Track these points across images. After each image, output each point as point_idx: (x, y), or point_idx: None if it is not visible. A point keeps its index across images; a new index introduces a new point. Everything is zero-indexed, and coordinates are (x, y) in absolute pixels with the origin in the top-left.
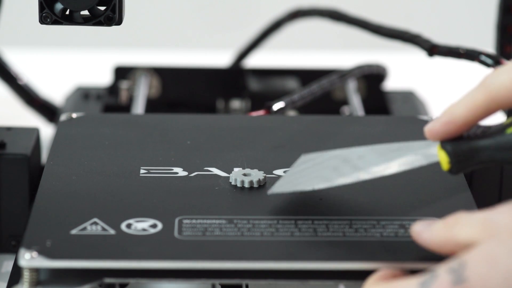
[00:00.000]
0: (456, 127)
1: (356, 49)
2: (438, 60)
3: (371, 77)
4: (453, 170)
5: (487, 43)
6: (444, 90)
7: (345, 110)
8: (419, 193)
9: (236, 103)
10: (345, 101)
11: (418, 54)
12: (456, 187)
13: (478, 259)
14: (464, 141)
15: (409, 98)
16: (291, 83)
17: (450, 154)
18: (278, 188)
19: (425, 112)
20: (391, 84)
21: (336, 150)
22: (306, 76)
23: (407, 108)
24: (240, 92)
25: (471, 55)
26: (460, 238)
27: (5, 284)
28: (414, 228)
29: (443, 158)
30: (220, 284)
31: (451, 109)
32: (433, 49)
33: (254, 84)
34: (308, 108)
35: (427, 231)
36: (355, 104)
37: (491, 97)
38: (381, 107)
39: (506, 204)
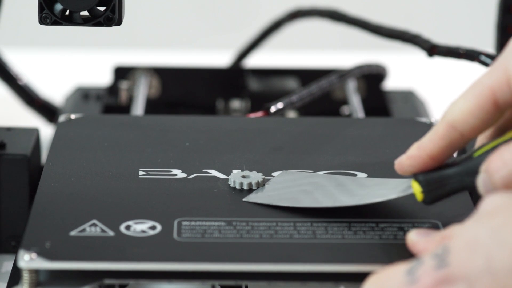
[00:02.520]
0: (423, 161)
1: (356, 49)
2: (438, 60)
3: (371, 77)
4: (427, 199)
5: (487, 43)
6: (444, 91)
7: (345, 110)
8: None
9: (236, 103)
10: (345, 101)
11: (418, 54)
12: None
13: (460, 243)
14: (435, 171)
15: (409, 97)
16: (291, 83)
17: (422, 183)
18: (253, 198)
19: (425, 111)
20: (391, 84)
21: (318, 174)
22: (306, 76)
23: (407, 108)
24: (240, 92)
25: (471, 55)
26: None
27: (5, 285)
28: (409, 237)
29: (416, 189)
30: (219, 285)
31: (417, 143)
32: (433, 49)
33: (254, 84)
34: (308, 108)
35: (422, 243)
36: (355, 104)
37: (449, 125)
38: (381, 107)
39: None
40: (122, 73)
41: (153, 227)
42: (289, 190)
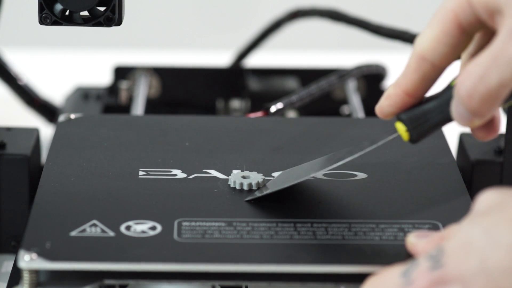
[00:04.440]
0: (400, 98)
1: (356, 49)
2: None
3: (371, 77)
4: (413, 136)
5: None
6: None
7: (345, 109)
8: (417, 197)
9: (236, 103)
10: (345, 101)
11: None
12: (455, 190)
13: (454, 244)
14: (416, 107)
15: None
16: (291, 83)
17: (405, 121)
18: (253, 196)
19: None
20: (391, 84)
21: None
22: (306, 76)
23: None
24: (240, 92)
25: None
26: None
27: (5, 285)
28: (409, 239)
29: (401, 129)
30: (219, 286)
31: (394, 81)
32: None
33: (254, 84)
34: (307, 107)
35: (421, 244)
36: (355, 104)
37: (419, 56)
38: None
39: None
40: (122, 73)
41: (153, 228)
42: (285, 176)
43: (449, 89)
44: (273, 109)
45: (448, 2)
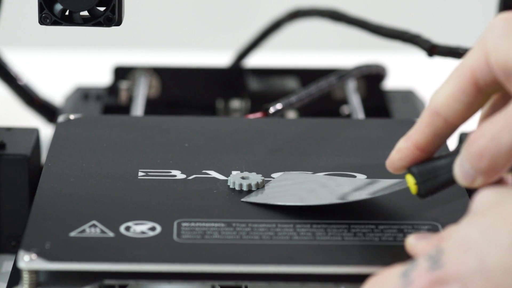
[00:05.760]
0: (411, 153)
1: (356, 49)
2: (438, 60)
3: (371, 77)
4: (421, 191)
5: None
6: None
7: (345, 109)
8: (417, 198)
9: (236, 103)
10: (344, 101)
11: (418, 54)
12: (454, 191)
13: (453, 244)
14: (428, 162)
15: (409, 97)
16: (291, 83)
17: (415, 174)
18: (252, 198)
19: None
20: (391, 84)
21: (318, 174)
22: (306, 76)
23: (407, 107)
24: (240, 92)
25: None
26: None
27: (5, 285)
28: (408, 241)
29: (410, 182)
30: (219, 286)
31: (404, 136)
32: (432, 49)
33: (254, 84)
34: (307, 107)
35: (420, 245)
36: (355, 104)
37: (433, 111)
38: (381, 107)
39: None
40: (122, 73)
41: (152, 228)
42: (292, 188)
43: (460, 146)
44: (272, 110)
45: (467, 59)
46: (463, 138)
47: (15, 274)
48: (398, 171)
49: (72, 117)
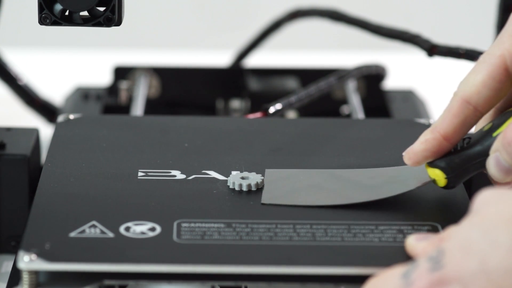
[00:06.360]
0: (438, 143)
1: (356, 49)
2: (438, 60)
3: (371, 77)
4: (451, 184)
5: (487, 43)
6: (444, 90)
7: (345, 109)
8: (417, 198)
9: (235, 103)
10: (344, 101)
11: (418, 54)
12: (454, 192)
13: (454, 245)
14: (454, 155)
15: (409, 97)
16: (291, 83)
17: (446, 169)
18: (273, 199)
19: (424, 111)
20: (391, 84)
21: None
22: (306, 76)
23: (407, 107)
24: (240, 92)
25: (471, 55)
26: None
27: (5, 285)
28: (408, 241)
29: (438, 176)
30: (219, 286)
31: (430, 128)
32: (432, 49)
33: (253, 84)
34: (307, 107)
35: (421, 245)
36: (355, 104)
37: (463, 100)
38: (381, 106)
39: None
40: (122, 73)
41: (152, 229)
42: (302, 189)
43: (490, 137)
44: (272, 110)
45: (494, 48)
46: None
47: (15, 275)
48: (420, 163)
49: (72, 117)
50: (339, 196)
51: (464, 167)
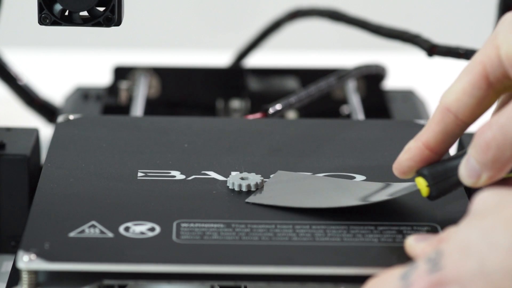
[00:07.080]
0: (421, 152)
1: (356, 49)
2: (438, 60)
3: (371, 77)
4: (433, 193)
5: None
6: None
7: (345, 109)
8: (416, 199)
9: (235, 103)
10: (344, 101)
11: (418, 54)
12: (454, 193)
13: (453, 247)
14: (438, 164)
15: (408, 97)
16: (291, 83)
17: (427, 177)
18: (256, 199)
19: (424, 111)
20: (391, 84)
21: (318, 176)
22: (306, 76)
23: (406, 107)
24: (240, 92)
25: (471, 55)
26: None
27: (4, 285)
28: (407, 242)
29: (421, 184)
30: (218, 286)
31: (415, 136)
32: (432, 49)
33: (254, 84)
34: (307, 107)
35: (420, 246)
36: (355, 104)
37: (443, 108)
38: (381, 106)
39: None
40: (122, 73)
41: (152, 229)
42: (291, 191)
43: None
44: (271, 110)
45: (478, 55)
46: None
47: (15, 274)
48: (405, 174)
49: (71, 117)
50: (326, 200)
51: (447, 175)
